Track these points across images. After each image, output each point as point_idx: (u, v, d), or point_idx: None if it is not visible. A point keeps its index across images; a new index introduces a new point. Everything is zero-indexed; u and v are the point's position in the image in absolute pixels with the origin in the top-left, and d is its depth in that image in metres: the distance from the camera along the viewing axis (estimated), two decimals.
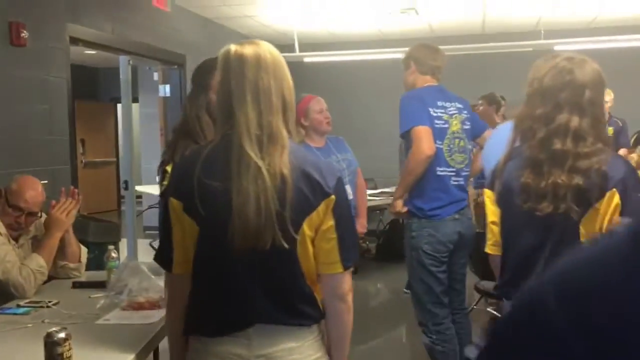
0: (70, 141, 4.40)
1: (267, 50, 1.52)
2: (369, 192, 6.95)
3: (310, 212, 1.47)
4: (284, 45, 7.38)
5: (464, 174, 3.11)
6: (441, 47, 3.22)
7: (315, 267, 1.53)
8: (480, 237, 3.84)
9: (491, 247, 1.99)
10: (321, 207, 1.48)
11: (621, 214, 1.69)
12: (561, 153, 1.73)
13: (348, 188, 3.33)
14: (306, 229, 1.47)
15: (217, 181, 1.46)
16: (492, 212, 1.95)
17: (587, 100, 1.75)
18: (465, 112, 3.15)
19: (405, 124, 2.95)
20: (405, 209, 3.04)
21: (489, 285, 3.83)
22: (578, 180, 1.70)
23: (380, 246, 7.07)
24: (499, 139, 2.38)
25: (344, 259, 1.52)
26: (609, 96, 5.79)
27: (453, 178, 3.06)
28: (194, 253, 1.53)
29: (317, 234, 1.50)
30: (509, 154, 1.89)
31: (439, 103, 3.04)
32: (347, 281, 1.54)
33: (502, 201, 1.90)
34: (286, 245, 1.44)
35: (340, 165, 3.40)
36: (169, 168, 1.93)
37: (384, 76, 8.00)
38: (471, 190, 5.41)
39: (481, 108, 5.46)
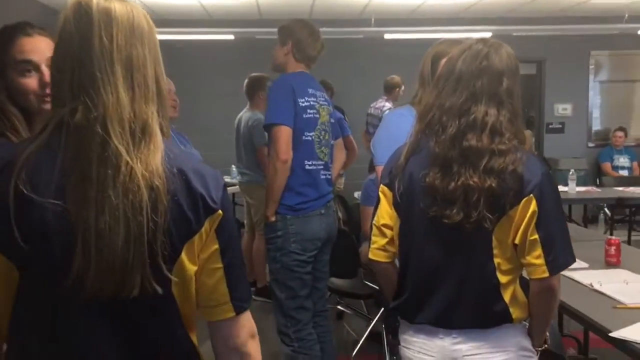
0: None
1: (143, 14, 1.07)
2: None
3: (191, 236, 1.04)
4: None
5: (330, 166, 2.92)
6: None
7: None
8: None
9: (376, 252, 1.69)
10: (205, 228, 1.06)
11: (536, 224, 1.48)
12: (476, 150, 1.49)
13: None
14: (185, 260, 1.04)
15: (51, 196, 0.97)
16: (387, 214, 1.67)
17: (504, 90, 1.54)
18: (330, 107, 2.99)
19: (269, 117, 2.72)
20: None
21: (338, 282, 3.67)
22: (492, 182, 1.47)
23: None
24: (394, 126, 2.13)
25: (234, 297, 1.10)
26: None
27: (322, 171, 2.85)
28: (11, 311, 1.02)
29: (198, 264, 1.08)
30: (411, 148, 1.61)
31: (310, 91, 2.82)
32: (244, 326, 1.13)
33: (403, 205, 1.62)
34: (159, 290, 1.00)
35: None
36: None
37: (214, 58, 7.52)
38: None
39: None
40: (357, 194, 5.17)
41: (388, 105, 6.09)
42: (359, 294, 3.61)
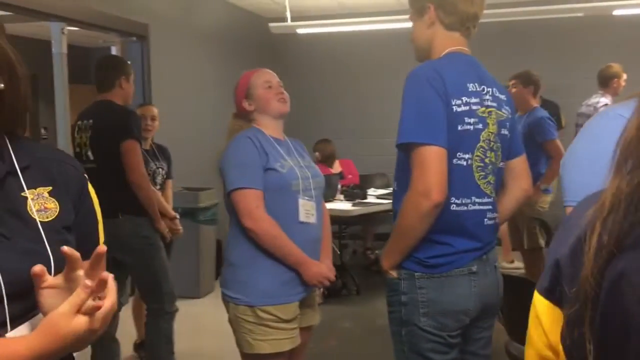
0: None
1: None
2: (380, 191, 5.81)
3: None
4: (274, 18, 6.20)
5: (497, 205, 1.89)
6: None
7: None
8: (514, 279, 2.66)
9: None
10: None
11: None
12: None
13: (309, 205, 2.15)
14: None
15: None
16: None
17: None
18: (508, 108, 1.90)
19: (405, 132, 1.69)
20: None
21: (522, 350, 2.63)
22: None
23: None
24: (604, 136, 1.11)
25: None
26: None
27: (488, 214, 1.83)
28: None
29: None
30: (616, 235, 0.63)
31: (471, 87, 1.77)
32: None
33: None
34: None
35: (304, 172, 2.19)
36: None
37: (401, 51, 6.75)
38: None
39: (514, 90, 4.37)
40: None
41: (604, 101, 4.75)
42: None
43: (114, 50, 5.17)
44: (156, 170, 3.60)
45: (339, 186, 5.50)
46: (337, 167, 6.06)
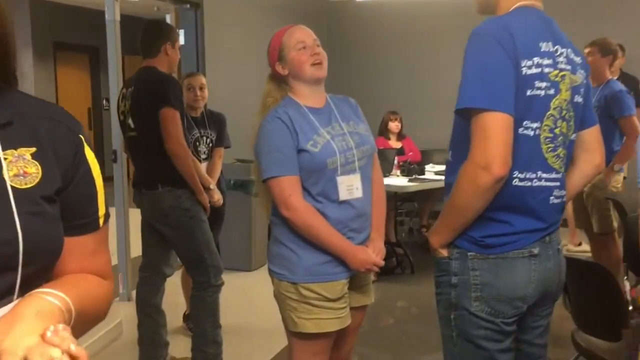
0: None
1: None
2: (438, 167, 5.54)
3: None
4: None
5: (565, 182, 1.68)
6: None
7: None
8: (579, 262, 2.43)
9: None
10: None
11: None
12: None
13: (352, 180, 1.99)
14: None
15: None
16: None
17: None
18: (582, 72, 1.68)
19: (467, 97, 1.51)
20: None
21: (589, 341, 2.40)
22: None
23: None
24: None
25: None
26: None
27: (554, 191, 1.63)
28: None
29: None
30: None
31: (544, 46, 1.56)
32: None
33: None
34: None
35: (347, 142, 2.01)
36: None
37: (463, 19, 6.42)
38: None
39: (590, 59, 4.01)
40: None
41: None
42: None
43: (168, 19, 5.11)
44: (199, 138, 3.49)
45: (396, 161, 5.30)
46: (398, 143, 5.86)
